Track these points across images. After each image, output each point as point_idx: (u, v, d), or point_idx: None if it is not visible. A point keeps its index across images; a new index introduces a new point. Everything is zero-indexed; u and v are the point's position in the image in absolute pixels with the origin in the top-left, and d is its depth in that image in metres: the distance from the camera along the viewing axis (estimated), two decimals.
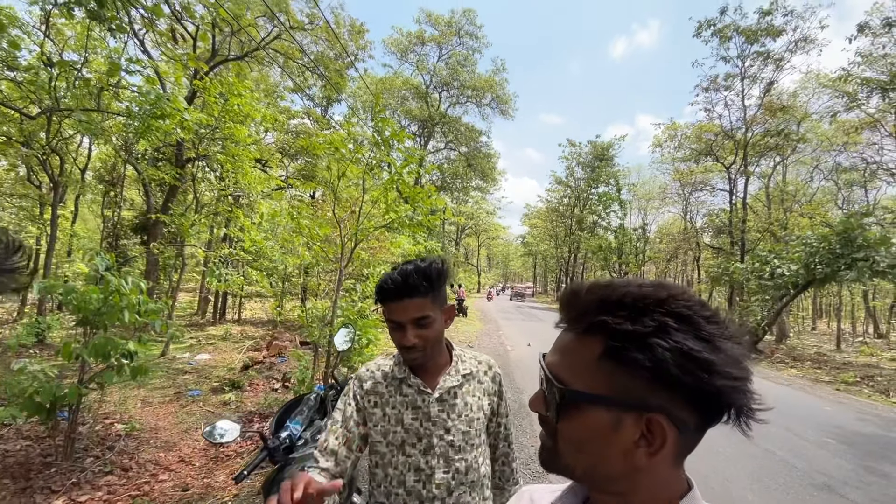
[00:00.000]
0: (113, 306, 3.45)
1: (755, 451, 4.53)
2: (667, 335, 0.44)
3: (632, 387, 0.46)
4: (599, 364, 0.48)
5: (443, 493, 1.10)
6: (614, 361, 0.46)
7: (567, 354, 0.51)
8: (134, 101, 6.74)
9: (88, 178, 15.10)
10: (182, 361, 7.85)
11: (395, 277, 1.08)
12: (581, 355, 0.49)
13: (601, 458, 0.49)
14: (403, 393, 1.16)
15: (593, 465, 0.50)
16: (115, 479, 3.46)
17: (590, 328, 0.49)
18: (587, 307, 0.49)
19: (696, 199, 26.87)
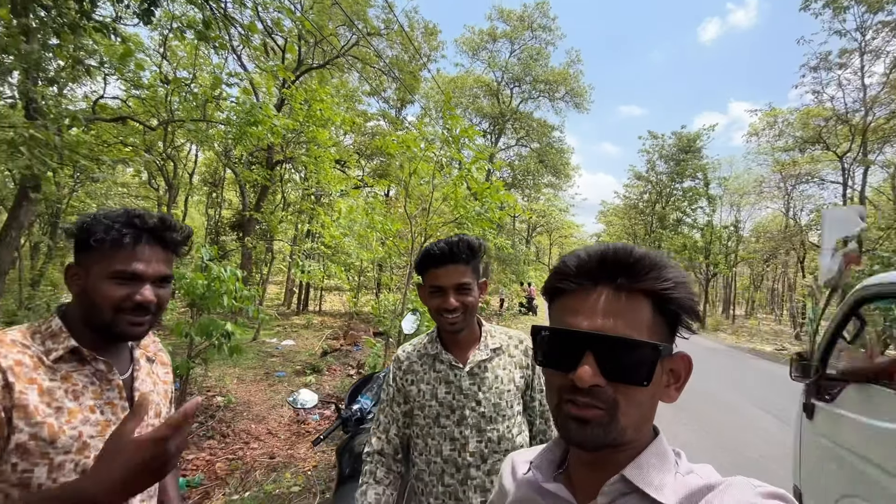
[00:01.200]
0: (215, 291, 3.91)
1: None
2: (685, 288, 0.52)
3: (664, 335, 0.53)
4: (653, 320, 0.52)
5: (477, 461, 1.18)
6: (660, 314, 0.52)
7: (624, 316, 0.51)
8: (232, 110, 7.53)
9: (195, 181, 17.07)
10: (270, 346, 8.63)
11: (441, 245, 1.19)
12: (639, 315, 0.51)
13: (651, 407, 0.53)
14: (437, 369, 1.26)
15: (645, 417, 0.53)
16: (215, 444, 3.94)
17: (637, 290, 0.52)
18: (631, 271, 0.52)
19: (800, 194, 23.90)
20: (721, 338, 19.22)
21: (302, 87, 9.32)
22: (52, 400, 0.83)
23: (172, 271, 0.99)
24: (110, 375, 0.93)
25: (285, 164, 11.81)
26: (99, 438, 0.87)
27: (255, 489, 3.05)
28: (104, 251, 0.89)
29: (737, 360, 12.17)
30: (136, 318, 0.91)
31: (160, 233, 0.93)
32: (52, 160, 4.43)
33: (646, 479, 0.50)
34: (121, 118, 7.84)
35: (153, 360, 1.09)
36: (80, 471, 0.84)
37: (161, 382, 1.09)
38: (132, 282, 0.90)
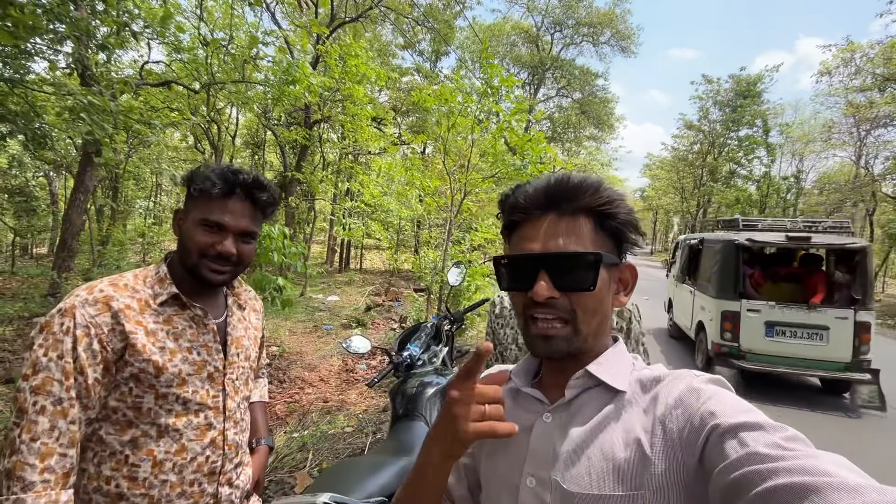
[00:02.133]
0: (265, 248, 4.11)
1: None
2: (623, 204, 0.61)
3: (609, 247, 0.61)
4: (595, 235, 0.60)
5: None
6: (602, 230, 0.61)
7: (569, 234, 0.60)
8: (270, 70, 7.55)
9: (238, 143, 17.52)
10: (317, 301, 9.06)
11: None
12: (582, 232, 0.60)
13: (606, 313, 0.62)
14: None
15: (601, 323, 0.62)
16: (274, 388, 4.26)
17: (579, 209, 0.60)
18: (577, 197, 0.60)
19: (875, 139, 21.59)
20: None
21: (336, 43, 9.17)
22: (156, 340, 0.92)
23: (258, 229, 1.05)
24: (206, 320, 1.01)
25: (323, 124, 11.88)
26: (196, 376, 0.97)
27: (313, 428, 3.31)
28: (200, 200, 0.97)
29: None
30: (216, 266, 0.98)
31: (251, 190, 1.00)
32: (110, 124, 4.66)
33: (605, 373, 0.60)
34: (166, 83, 8.05)
35: (244, 307, 1.17)
36: (182, 402, 0.95)
37: (252, 328, 1.17)
38: (218, 231, 0.97)
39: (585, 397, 0.61)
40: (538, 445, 0.61)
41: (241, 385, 1.09)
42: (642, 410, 0.56)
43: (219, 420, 1.02)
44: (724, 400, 0.50)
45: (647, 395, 0.57)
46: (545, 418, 0.62)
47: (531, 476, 0.59)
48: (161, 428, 0.93)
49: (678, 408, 0.52)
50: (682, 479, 0.49)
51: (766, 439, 0.42)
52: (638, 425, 0.55)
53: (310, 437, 3.09)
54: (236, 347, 1.08)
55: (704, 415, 0.49)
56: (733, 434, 0.44)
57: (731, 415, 0.47)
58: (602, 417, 0.58)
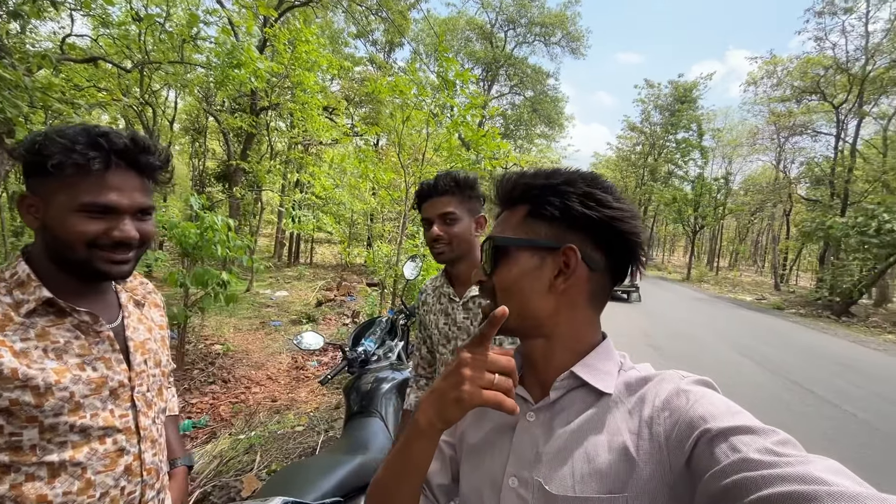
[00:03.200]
0: (208, 240, 3.87)
1: (834, 413, 4.28)
2: (575, 185, 0.57)
3: (551, 233, 0.59)
4: (524, 221, 0.60)
5: None
6: (536, 217, 0.59)
7: (500, 224, 0.63)
8: (212, 52, 7.09)
9: (176, 129, 16.38)
10: (264, 297, 8.69)
11: (428, 181, 1.27)
12: (511, 220, 0.62)
13: (529, 296, 0.59)
14: (441, 302, 1.36)
15: (523, 306, 0.59)
16: (217, 389, 4.05)
17: (517, 198, 0.61)
18: (514, 184, 0.62)
19: (792, 146, 23.76)
20: (704, 288, 19.80)
21: (285, 27, 8.77)
22: (30, 361, 0.72)
23: (152, 201, 0.85)
24: (97, 327, 0.81)
25: (271, 111, 11.35)
26: (94, 397, 0.78)
27: (260, 429, 3.17)
28: (66, 178, 0.74)
29: (718, 308, 12.62)
30: (116, 256, 0.79)
31: (133, 156, 0.79)
32: (24, 102, 4.19)
33: (591, 374, 0.58)
34: (92, 59, 7.34)
35: (143, 303, 0.98)
36: (79, 430, 0.77)
37: (157, 327, 0.99)
38: (107, 215, 0.77)
39: (570, 398, 0.59)
40: (521, 445, 0.60)
41: (155, 397, 0.92)
42: (628, 412, 0.55)
43: (132, 443, 0.84)
44: (713, 402, 0.49)
45: (634, 397, 0.56)
46: (528, 417, 0.61)
47: (513, 476, 0.59)
48: (55, 466, 0.74)
49: (665, 410, 0.52)
50: (668, 483, 0.48)
51: (758, 444, 0.41)
52: (623, 427, 0.54)
53: (257, 437, 2.96)
54: (142, 354, 0.89)
55: (694, 418, 0.48)
56: (724, 438, 0.43)
57: (720, 418, 0.46)
58: (586, 419, 0.57)
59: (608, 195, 0.57)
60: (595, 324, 0.63)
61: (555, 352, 0.61)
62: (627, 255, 0.60)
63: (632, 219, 0.58)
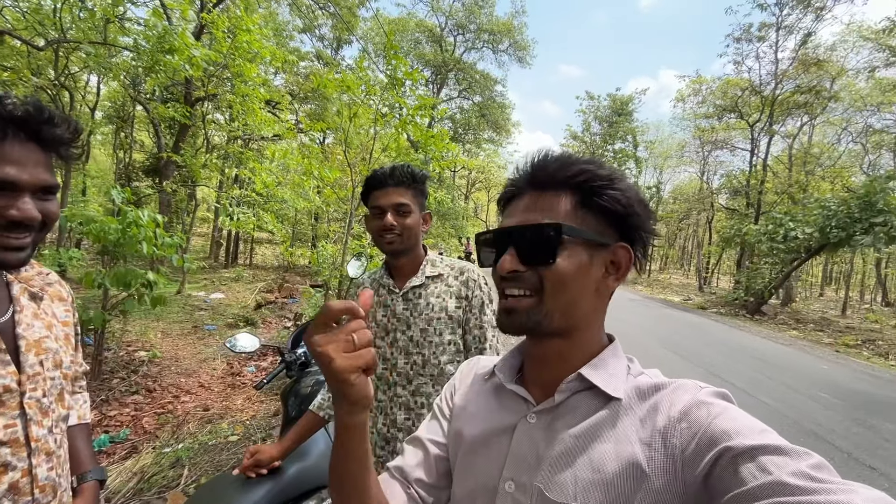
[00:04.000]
0: (131, 237, 3.54)
1: (746, 400, 4.69)
2: (622, 182, 0.56)
3: (602, 228, 0.56)
4: (577, 212, 0.56)
5: (403, 381, 1.26)
6: (587, 208, 0.56)
7: (543, 210, 0.57)
8: (141, 35, 6.55)
9: (98, 117, 14.97)
10: (198, 299, 8.14)
11: (383, 169, 1.25)
12: (558, 206, 0.56)
13: (580, 293, 0.56)
14: (379, 294, 1.33)
15: (573, 304, 0.56)
16: (141, 399, 3.72)
17: (565, 183, 0.57)
18: (556, 172, 0.57)
19: (714, 159, 26.00)
20: (638, 290, 21.08)
21: (225, 15, 8.29)
22: None
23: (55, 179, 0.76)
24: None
25: (208, 102, 10.69)
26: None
27: (190, 440, 2.95)
28: None
29: (650, 308, 13.47)
30: (11, 239, 0.69)
31: (35, 126, 0.70)
32: None
33: (600, 377, 0.55)
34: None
35: (41, 296, 0.86)
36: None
37: (59, 324, 0.87)
38: (3, 192, 0.68)
39: (575, 400, 0.56)
40: (520, 448, 0.57)
41: (53, 403, 0.80)
42: (639, 420, 0.52)
43: (20, 456, 0.73)
44: (737, 418, 0.46)
45: (646, 404, 0.53)
46: (529, 419, 0.58)
47: (510, 480, 0.56)
48: None
49: (683, 421, 0.48)
50: (680, 498, 0.45)
51: (791, 467, 0.38)
52: (634, 436, 0.51)
53: (185, 450, 2.75)
54: (36, 354, 0.78)
55: (716, 432, 0.45)
56: (750, 457, 0.41)
57: (746, 435, 0.43)
58: (593, 424, 0.53)
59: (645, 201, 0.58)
60: (603, 325, 0.61)
61: (573, 353, 0.58)
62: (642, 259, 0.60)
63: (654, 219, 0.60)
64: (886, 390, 5.63)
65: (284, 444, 1.25)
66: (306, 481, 1.27)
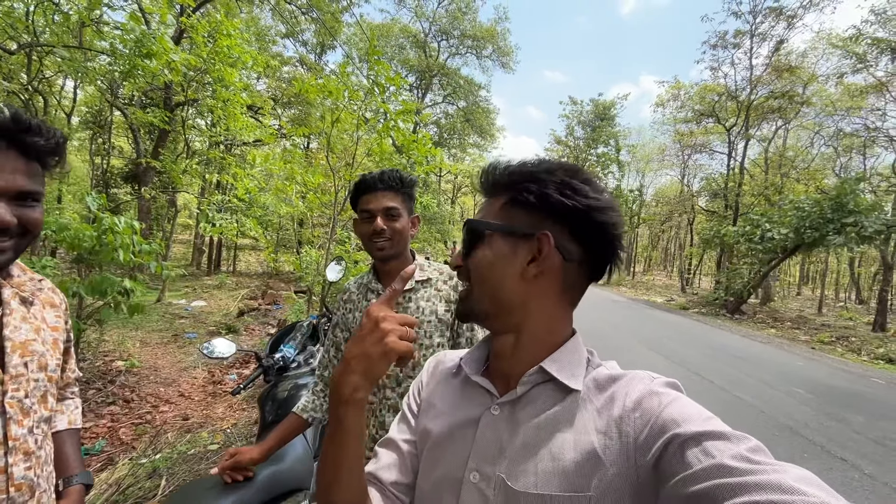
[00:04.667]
0: (107, 245, 3.47)
1: (724, 397, 4.79)
2: (554, 175, 0.58)
3: (528, 221, 0.59)
4: (503, 209, 0.61)
5: (392, 383, 1.26)
6: (515, 205, 0.60)
7: (481, 211, 0.64)
8: (118, 39, 6.45)
9: (74, 123, 14.64)
10: (178, 307, 7.98)
11: (372, 174, 1.26)
12: (492, 207, 0.62)
13: (502, 281, 0.59)
14: (368, 298, 1.33)
15: (496, 290, 0.60)
16: (118, 409, 3.63)
17: (499, 187, 0.62)
18: (501, 174, 0.62)
19: (694, 163, 26.62)
20: (622, 291, 21.35)
21: (205, 19, 8.21)
22: None
23: (42, 187, 0.79)
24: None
25: (188, 107, 10.54)
26: None
27: (168, 450, 2.89)
28: None
29: (634, 310, 13.66)
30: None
31: (15, 135, 0.73)
32: None
33: (560, 370, 0.58)
34: None
35: (31, 301, 0.89)
36: None
37: (48, 329, 0.90)
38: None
39: (537, 392, 0.58)
40: (484, 439, 0.59)
41: (35, 404, 0.83)
42: (596, 410, 0.54)
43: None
44: (685, 406, 0.49)
45: (603, 395, 0.55)
46: (493, 410, 0.60)
47: (475, 471, 0.58)
48: None
49: (636, 411, 0.51)
50: (633, 484, 0.48)
51: (732, 450, 0.41)
52: (591, 426, 0.53)
53: (163, 460, 2.69)
54: (21, 356, 0.82)
55: (666, 420, 0.48)
56: (696, 442, 0.43)
57: (693, 422, 0.46)
58: (553, 415, 0.56)
59: (587, 186, 0.57)
60: (567, 318, 0.62)
61: (525, 346, 0.60)
62: (605, 249, 0.59)
63: (610, 210, 0.57)
64: (858, 385, 5.81)
65: (265, 445, 1.24)
66: (281, 484, 1.26)
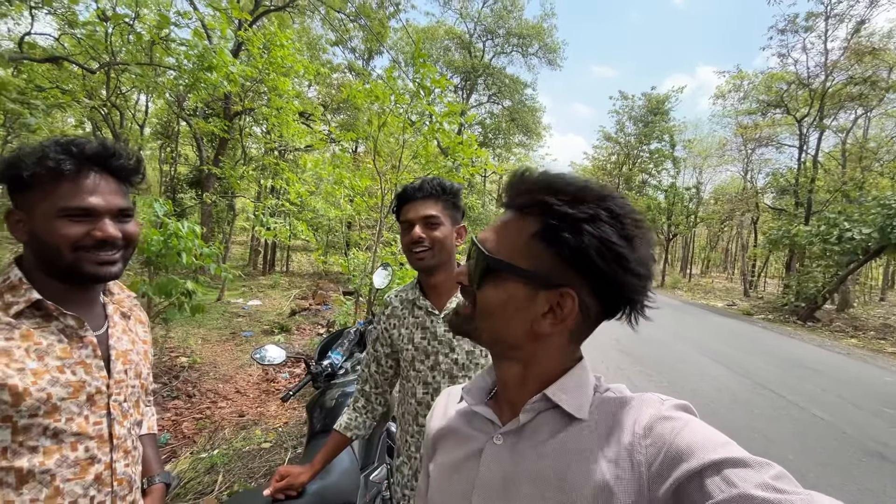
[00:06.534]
0: (171, 248, 3.70)
1: (798, 414, 4.37)
2: (596, 225, 0.49)
3: (553, 267, 0.51)
4: (530, 242, 0.52)
5: (445, 349, 1.21)
6: (545, 242, 0.51)
7: (502, 231, 0.55)
8: (183, 55, 6.90)
9: (147, 134, 15.87)
10: (236, 306, 8.42)
11: (412, 184, 1.22)
12: (516, 232, 0.54)
13: (509, 325, 0.55)
14: (415, 314, 1.26)
15: (500, 331, 0.56)
16: (181, 404, 3.86)
17: (530, 207, 0.53)
18: (533, 188, 0.53)
19: (758, 157, 24.69)
20: (678, 295, 20.26)
21: (260, 32, 8.62)
22: (11, 360, 0.74)
23: (131, 203, 0.89)
24: (81, 332, 0.83)
25: (245, 116, 11.13)
26: (71, 401, 0.79)
27: (225, 447, 3.02)
28: (44, 187, 0.78)
29: (690, 314, 12.90)
30: (102, 256, 0.82)
31: (105, 160, 0.84)
32: None
33: (564, 397, 0.54)
34: (54, 59, 7.05)
35: (129, 315, 0.99)
36: (53, 433, 0.76)
37: (140, 341, 1.00)
38: (87, 218, 0.80)
39: (541, 420, 0.56)
40: (488, 471, 0.57)
41: (132, 408, 0.92)
42: (605, 438, 0.51)
43: (104, 451, 0.84)
44: (699, 431, 0.46)
45: (611, 422, 0.53)
46: (496, 440, 0.58)
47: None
48: (23, 472, 0.74)
49: (647, 437, 0.48)
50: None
51: (755, 479, 0.39)
52: (599, 454, 0.50)
53: (220, 456, 2.81)
54: (123, 363, 0.91)
55: (680, 447, 0.45)
56: (716, 471, 0.41)
57: (710, 449, 0.43)
58: (559, 444, 0.53)
59: (630, 250, 0.49)
60: (575, 352, 0.58)
61: (533, 376, 0.57)
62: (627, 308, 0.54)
63: (644, 284, 0.51)
64: None
65: (314, 467, 1.23)
66: (329, 499, 1.25)
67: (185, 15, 7.69)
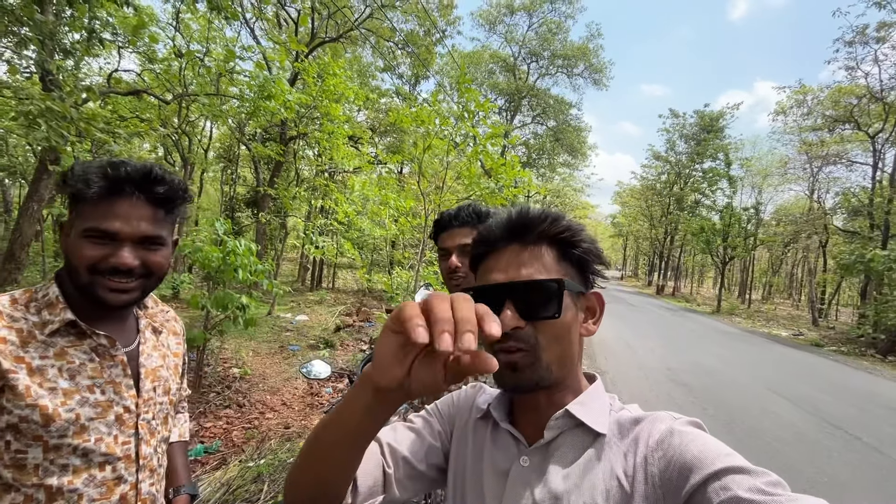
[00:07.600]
0: (230, 265, 3.95)
1: (877, 460, 3.94)
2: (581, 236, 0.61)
3: (576, 275, 0.61)
4: (559, 264, 0.60)
5: None
6: (563, 259, 0.60)
7: (532, 264, 0.59)
8: (246, 85, 7.48)
9: (210, 157, 17.15)
10: (285, 321, 8.77)
11: (449, 211, 1.24)
12: (544, 261, 0.59)
13: (571, 342, 0.60)
14: None
15: (566, 352, 0.59)
16: (232, 413, 4.04)
17: (542, 237, 0.60)
18: (538, 227, 0.60)
19: (826, 176, 23.01)
20: (736, 321, 18.95)
21: (315, 62, 9.19)
22: (44, 380, 0.75)
23: (167, 233, 0.87)
24: (113, 351, 0.84)
25: (299, 140, 11.79)
26: (100, 420, 0.79)
27: (270, 457, 3.12)
28: (80, 205, 0.79)
29: (750, 343, 12.02)
30: (116, 282, 0.79)
31: (145, 185, 0.81)
32: (70, 132, 4.46)
33: (586, 414, 0.58)
34: (135, 92, 7.83)
35: (161, 330, 0.99)
36: (82, 453, 0.77)
37: (171, 355, 1.00)
38: (108, 241, 0.79)
39: (564, 439, 0.59)
40: (515, 492, 0.58)
41: (159, 426, 0.92)
42: (623, 454, 0.55)
43: (130, 471, 0.84)
44: (706, 443, 0.50)
45: (628, 438, 0.57)
46: (522, 462, 0.60)
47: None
48: (52, 490, 0.74)
49: (659, 450, 0.52)
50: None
51: (748, 484, 0.43)
52: (619, 469, 0.54)
53: (266, 466, 2.92)
54: (152, 381, 0.91)
55: (688, 458, 0.49)
56: (717, 478, 0.45)
57: (714, 458, 0.47)
58: (583, 462, 0.56)
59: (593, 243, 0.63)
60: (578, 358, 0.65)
61: (560, 396, 0.61)
62: None
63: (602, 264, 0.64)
64: None
65: None
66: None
67: (248, 49, 8.34)
